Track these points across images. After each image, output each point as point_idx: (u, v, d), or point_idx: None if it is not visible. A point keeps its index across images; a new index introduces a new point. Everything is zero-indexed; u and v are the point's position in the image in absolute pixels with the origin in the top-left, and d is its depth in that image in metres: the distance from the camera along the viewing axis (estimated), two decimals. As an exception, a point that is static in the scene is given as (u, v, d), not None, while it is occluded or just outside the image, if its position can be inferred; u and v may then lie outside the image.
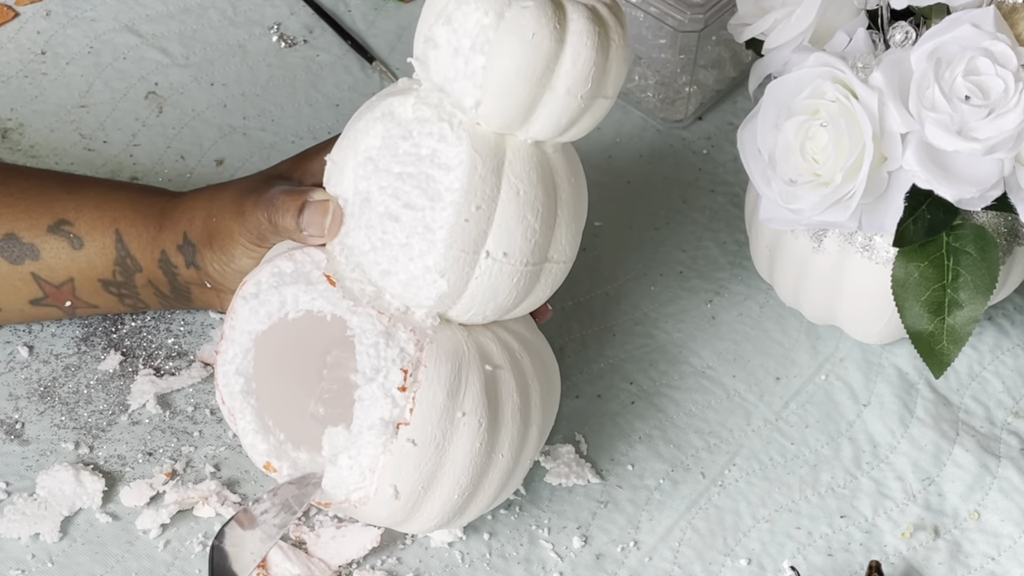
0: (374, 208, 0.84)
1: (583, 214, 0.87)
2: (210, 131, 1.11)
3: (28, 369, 0.98)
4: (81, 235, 0.93)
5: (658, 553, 0.93)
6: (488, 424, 0.85)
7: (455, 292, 0.84)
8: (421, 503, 0.85)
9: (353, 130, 0.86)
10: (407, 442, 0.83)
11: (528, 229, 0.83)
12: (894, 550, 0.94)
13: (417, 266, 0.84)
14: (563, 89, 0.81)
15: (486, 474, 0.86)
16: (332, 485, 0.86)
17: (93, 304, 0.95)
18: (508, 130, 0.83)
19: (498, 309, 0.86)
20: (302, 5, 1.18)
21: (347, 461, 0.85)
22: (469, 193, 0.82)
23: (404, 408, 0.83)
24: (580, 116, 0.83)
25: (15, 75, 1.13)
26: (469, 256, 0.83)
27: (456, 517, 0.87)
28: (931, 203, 0.90)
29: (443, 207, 0.82)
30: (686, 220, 1.08)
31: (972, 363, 1.02)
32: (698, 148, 1.12)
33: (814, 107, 0.89)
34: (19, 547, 0.91)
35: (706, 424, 0.99)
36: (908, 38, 0.90)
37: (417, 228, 0.83)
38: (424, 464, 0.84)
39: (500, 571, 0.92)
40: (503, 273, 0.84)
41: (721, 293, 1.05)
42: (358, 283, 0.86)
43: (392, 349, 0.84)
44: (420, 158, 0.83)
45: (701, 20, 1.06)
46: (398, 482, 0.84)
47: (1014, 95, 0.86)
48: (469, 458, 0.84)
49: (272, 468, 0.88)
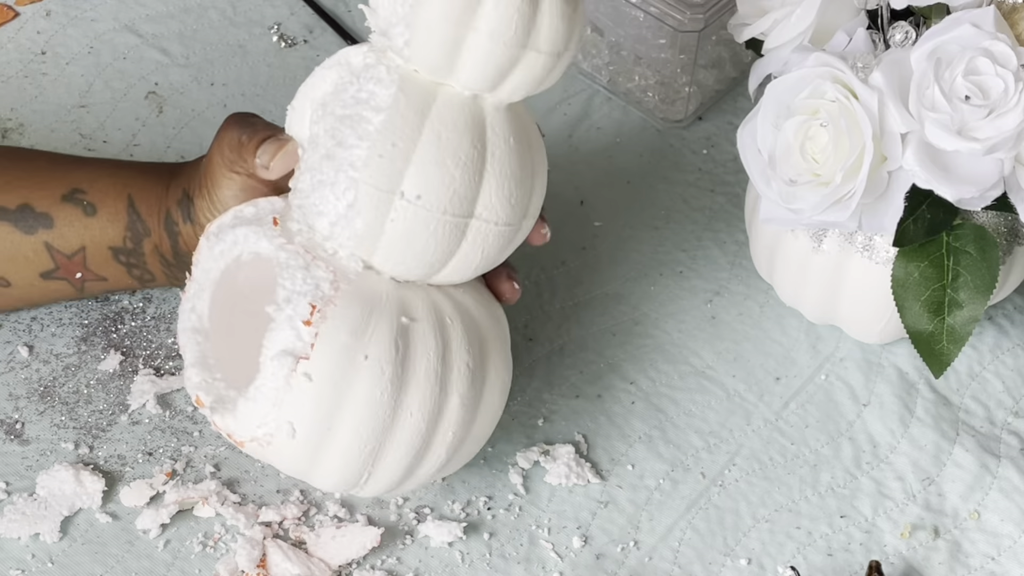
0: (317, 150, 0.86)
1: (528, 179, 0.86)
2: (210, 131, 1.11)
3: (28, 369, 0.98)
4: (95, 202, 0.94)
5: (658, 553, 0.93)
6: (393, 374, 0.84)
7: (371, 233, 0.84)
8: (321, 449, 0.84)
9: (311, 77, 0.88)
10: (303, 376, 0.83)
11: (447, 175, 0.83)
12: (894, 550, 0.94)
13: (341, 204, 0.84)
14: (485, 31, 0.81)
15: (391, 431, 0.84)
16: (242, 418, 0.85)
17: (102, 276, 0.95)
18: (437, 74, 0.83)
19: (419, 261, 0.85)
20: (302, 5, 1.18)
21: (253, 392, 0.85)
22: (387, 129, 0.83)
23: (307, 343, 0.83)
24: (509, 68, 0.83)
25: (15, 75, 1.13)
26: (384, 195, 0.83)
27: (364, 478, 0.86)
28: (931, 203, 0.90)
29: (367, 145, 0.83)
30: (686, 220, 1.08)
31: (972, 363, 1.02)
32: (698, 148, 1.12)
33: (814, 107, 0.89)
34: (19, 547, 0.91)
35: (706, 424, 0.99)
36: (908, 38, 0.90)
37: (343, 165, 0.84)
38: (320, 403, 0.83)
39: (500, 571, 0.92)
40: (418, 218, 0.84)
41: (721, 293, 1.05)
42: (296, 224, 0.87)
43: (307, 284, 0.84)
44: (359, 101, 0.84)
45: (701, 20, 1.06)
46: (295, 419, 0.84)
47: (1014, 95, 0.86)
48: (369, 407, 0.84)
49: (200, 402, 0.87)
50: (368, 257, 0.85)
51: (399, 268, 0.86)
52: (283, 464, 0.87)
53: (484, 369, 0.88)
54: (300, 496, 0.93)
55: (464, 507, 0.94)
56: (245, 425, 0.86)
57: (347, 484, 0.87)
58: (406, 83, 0.84)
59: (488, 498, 0.94)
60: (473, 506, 0.94)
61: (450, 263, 0.86)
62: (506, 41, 0.81)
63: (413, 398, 0.84)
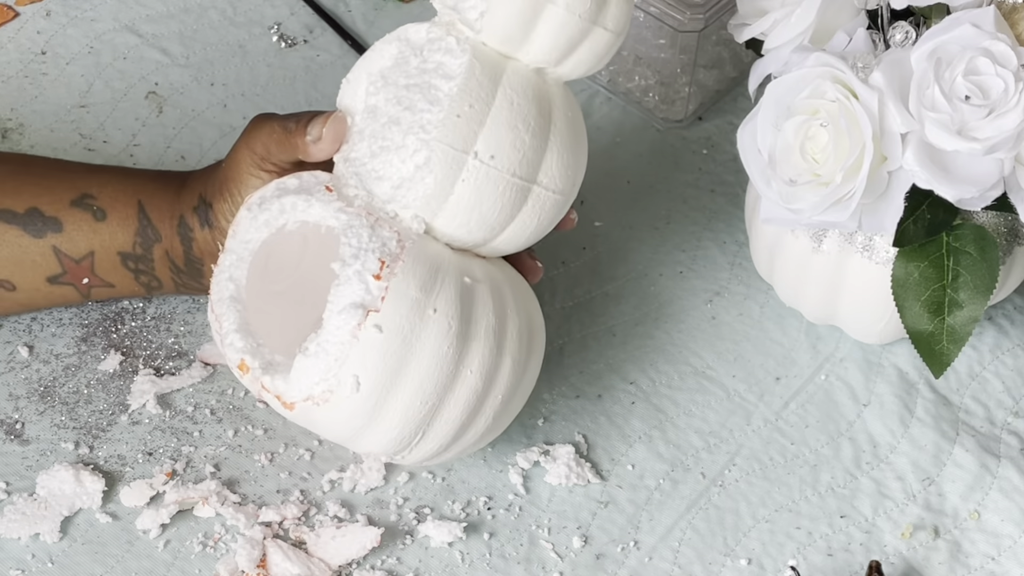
0: (378, 118, 0.88)
1: (580, 154, 0.90)
2: (210, 131, 1.11)
3: (28, 369, 0.98)
4: (105, 207, 0.94)
5: (658, 553, 0.93)
6: (459, 330, 0.85)
7: (442, 191, 0.86)
8: (383, 404, 0.85)
9: (368, 52, 0.90)
10: (374, 328, 0.84)
11: (518, 139, 0.86)
12: (894, 550, 0.94)
13: (408, 166, 0.86)
14: (563, 3, 0.85)
15: (452, 388, 0.86)
16: (298, 376, 0.85)
17: (109, 283, 0.95)
18: (510, 46, 0.87)
19: (482, 223, 0.87)
20: (302, 5, 1.18)
21: (315, 348, 0.85)
22: (464, 91, 0.86)
23: (376, 296, 0.84)
24: (579, 42, 0.87)
25: (15, 75, 1.13)
26: (458, 154, 0.86)
27: (416, 438, 0.87)
28: (931, 203, 0.90)
29: (441, 108, 0.86)
30: (686, 220, 1.08)
31: (972, 363, 1.02)
32: (698, 148, 1.12)
33: (814, 107, 0.89)
34: (19, 547, 0.91)
35: (706, 424, 0.99)
36: (908, 38, 0.90)
37: (413, 128, 0.86)
38: (389, 355, 0.84)
39: (500, 571, 0.92)
40: (489, 178, 0.86)
41: (721, 293, 1.05)
42: (354, 190, 0.88)
43: (374, 242, 0.86)
44: (426, 71, 0.87)
45: (701, 20, 1.06)
46: (361, 372, 0.84)
47: (1014, 95, 0.86)
48: (435, 361, 0.85)
49: (245, 367, 0.87)
50: (432, 219, 0.87)
51: (460, 231, 0.88)
52: (335, 423, 0.86)
53: (531, 336, 0.90)
54: (300, 496, 0.93)
55: (464, 507, 0.94)
56: (301, 384, 0.85)
57: (398, 445, 0.87)
58: (478, 51, 0.87)
59: (488, 498, 0.94)
60: (473, 506, 0.94)
61: (508, 228, 0.88)
62: (581, 14, 0.86)
63: (474, 356, 0.86)
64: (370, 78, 0.89)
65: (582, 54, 0.88)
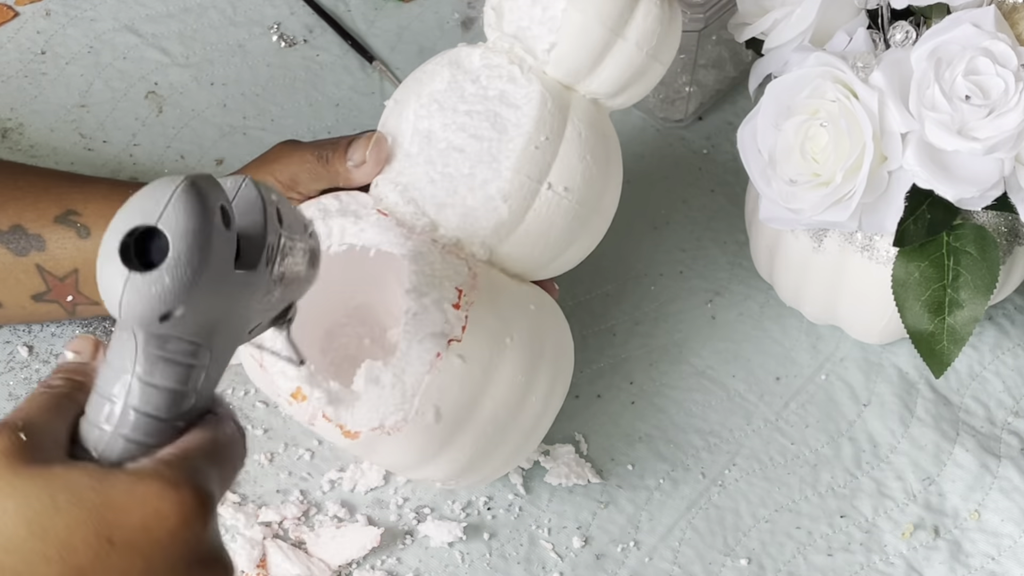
0: (435, 144, 0.87)
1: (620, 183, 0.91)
2: (210, 131, 1.11)
3: (28, 369, 0.98)
4: (88, 224, 0.93)
5: (658, 553, 0.93)
6: (530, 357, 0.85)
7: (514, 220, 0.86)
8: (456, 433, 0.84)
9: (418, 73, 0.89)
10: (457, 358, 0.83)
11: (587, 169, 0.87)
12: (894, 550, 0.94)
13: (478, 195, 0.86)
14: (633, 40, 0.86)
15: (518, 416, 0.86)
16: (369, 407, 0.83)
17: (94, 300, 0.95)
18: (576, 77, 0.87)
19: (547, 250, 0.88)
20: (302, 5, 1.18)
21: (390, 379, 0.83)
22: (539, 123, 0.86)
23: (456, 326, 0.83)
24: (639, 76, 0.88)
25: (15, 75, 1.13)
26: (533, 184, 0.86)
27: (479, 462, 0.86)
28: (931, 203, 0.90)
29: (511, 138, 0.86)
30: (686, 220, 1.08)
31: (972, 363, 1.02)
32: (698, 148, 1.12)
33: (814, 107, 0.89)
34: (19, 547, 0.91)
35: (706, 424, 0.99)
36: (908, 38, 0.90)
37: (483, 158, 0.86)
38: (469, 385, 0.83)
39: (500, 571, 0.92)
40: (560, 208, 0.86)
41: (721, 293, 1.05)
42: (412, 216, 0.87)
43: (447, 269, 0.85)
44: (487, 98, 0.87)
45: (701, 20, 1.06)
46: (442, 403, 0.83)
47: (1014, 95, 0.86)
48: (510, 389, 0.84)
49: (301, 396, 0.84)
50: (497, 246, 0.87)
51: (522, 259, 0.88)
52: (403, 452, 0.85)
53: (566, 356, 0.90)
54: (300, 496, 0.93)
55: (464, 507, 0.94)
56: (372, 414, 0.83)
57: (461, 472, 0.86)
58: (544, 81, 0.87)
59: (488, 498, 0.94)
60: (473, 506, 0.94)
61: (562, 256, 0.89)
62: (648, 51, 0.87)
63: (539, 382, 0.86)
64: (420, 101, 0.88)
65: (638, 88, 0.89)
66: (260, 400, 0.97)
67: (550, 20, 0.86)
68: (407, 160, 0.87)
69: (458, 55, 0.89)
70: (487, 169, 0.86)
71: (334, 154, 0.89)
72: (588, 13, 0.85)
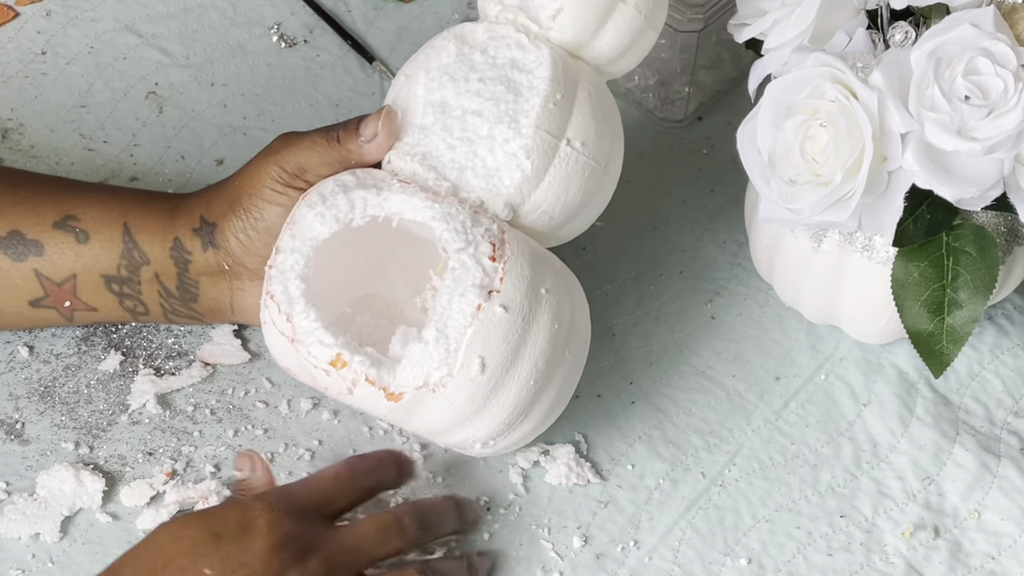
0: (450, 112, 0.90)
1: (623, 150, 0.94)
2: (210, 131, 1.11)
3: (28, 369, 0.98)
4: (87, 229, 0.93)
5: (658, 553, 0.93)
6: (562, 311, 0.87)
7: (536, 176, 0.88)
8: (500, 386, 0.85)
9: (425, 49, 0.92)
10: (499, 308, 0.85)
11: (599, 127, 0.90)
12: (894, 550, 0.94)
13: (499, 155, 0.88)
14: (632, 3, 0.90)
15: (556, 369, 0.87)
16: (413, 366, 0.85)
17: (92, 306, 0.95)
18: (580, 42, 0.91)
19: (565, 209, 0.90)
20: (302, 5, 1.18)
21: (433, 334, 0.85)
22: (554, 82, 0.89)
23: (494, 277, 0.85)
24: (635, 40, 0.92)
25: (15, 75, 1.13)
26: (552, 140, 0.89)
27: (519, 421, 0.87)
28: (931, 203, 0.90)
29: (526, 99, 0.89)
30: (686, 220, 1.08)
31: (972, 363, 1.02)
32: (698, 148, 1.12)
33: (814, 107, 0.89)
34: (19, 547, 0.91)
35: (706, 424, 0.99)
36: (908, 38, 0.90)
37: (502, 119, 0.89)
38: (512, 334, 0.85)
39: (500, 571, 0.92)
40: (579, 164, 0.89)
41: (721, 293, 1.05)
42: (434, 182, 0.89)
43: (479, 227, 0.87)
44: (497, 65, 0.90)
45: (701, 20, 1.06)
46: (486, 353, 0.85)
47: (1014, 95, 0.86)
48: (548, 340, 0.86)
49: (341, 362, 0.86)
50: (519, 205, 0.89)
51: (542, 218, 0.90)
52: (448, 410, 0.86)
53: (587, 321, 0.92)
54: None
55: (464, 507, 0.94)
56: (416, 372, 0.85)
57: (501, 429, 0.87)
58: (552, 46, 0.90)
59: (488, 498, 0.94)
60: (473, 506, 0.94)
61: (579, 216, 0.91)
62: (645, 15, 0.91)
63: (572, 336, 0.88)
64: (429, 75, 0.90)
65: (634, 54, 0.93)
66: (260, 400, 0.97)
67: None
68: (421, 132, 0.90)
69: (462, 30, 0.92)
70: (507, 129, 0.88)
71: (345, 133, 0.90)
72: None
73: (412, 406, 0.86)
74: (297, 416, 0.97)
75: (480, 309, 0.85)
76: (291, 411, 0.97)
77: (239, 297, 0.95)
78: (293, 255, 0.88)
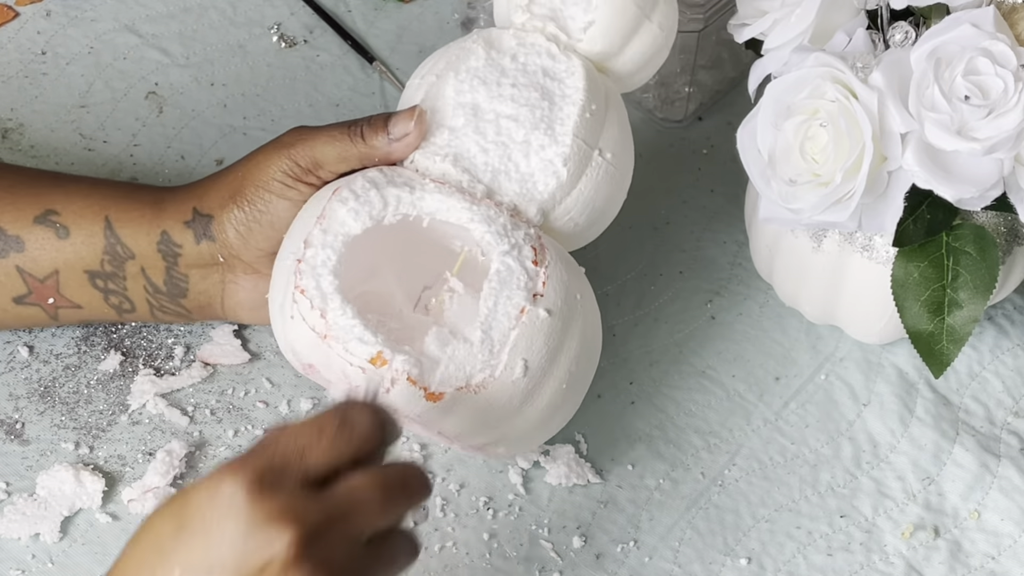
0: (483, 116, 0.90)
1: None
2: (210, 131, 1.11)
3: (28, 369, 0.98)
4: (67, 224, 0.92)
5: (658, 553, 0.93)
6: (593, 318, 0.89)
7: (570, 184, 0.90)
8: (537, 388, 0.86)
9: (451, 51, 0.92)
10: (543, 311, 0.85)
11: (625, 139, 0.93)
12: (894, 550, 0.94)
13: (534, 160, 0.89)
14: (656, 21, 0.93)
15: (583, 372, 0.88)
16: (456, 366, 0.84)
17: (76, 303, 0.94)
18: (607, 55, 0.92)
19: (590, 217, 0.91)
20: (302, 5, 1.18)
21: (479, 335, 0.85)
22: (589, 92, 0.90)
23: (538, 281, 0.86)
24: (653, 57, 0.94)
25: (15, 75, 1.13)
26: (588, 149, 0.90)
27: (545, 422, 0.88)
28: (931, 203, 0.90)
29: (561, 107, 0.90)
30: (686, 220, 1.08)
31: (972, 363, 1.02)
32: (698, 148, 1.12)
33: (814, 107, 0.89)
34: (19, 547, 0.91)
35: (706, 424, 0.99)
36: (908, 38, 0.90)
37: (538, 125, 0.90)
38: (552, 338, 0.86)
39: (500, 571, 0.92)
40: (608, 174, 0.91)
41: (721, 293, 1.05)
42: (468, 184, 0.89)
43: (518, 231, 0.87)
44: (529, 72, 0.91)
45: (701, 20, 1.06)
46: (529, 355, 0.85)
47: (1014, 95, 0.86)
48: (582, 345, 0.87)
49: (382, 360, 0.84)
50: (551, 211, 0.90)
51: (569, 225, 0.91)
52: (480, 413, 0.85)
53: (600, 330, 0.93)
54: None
55: (464, 507, 0.94)
56: (456, 373, 0.84)
57: (531, 431, 0.87)
58: (581, 57, 0.92)
59: (488, 498, 0.94)
60: (473, 506, 0.94)
61: (600, 220, 0.93)
62: (666, 34, 0.94)
63: (597, 342, 0.90)
64: (459, 76, 0.91)
65: (648, 70, 0.95)
66: (260, 400, 0.97)
67: (584, 1, 0.91)
68: (451, 134, 0.90)
69: (489, 35, 0.92)
70: (543, 135, 0.89)
71: (370, 128, 0.89)
72: None
73: (450, 406, 0.85)
74: (297, 416, 0.97)
75: (524, 312, 0.85)
76: (291, 411, 0.97)
77: (231, 291, 0.94)
78: (325, 250, 0.86)
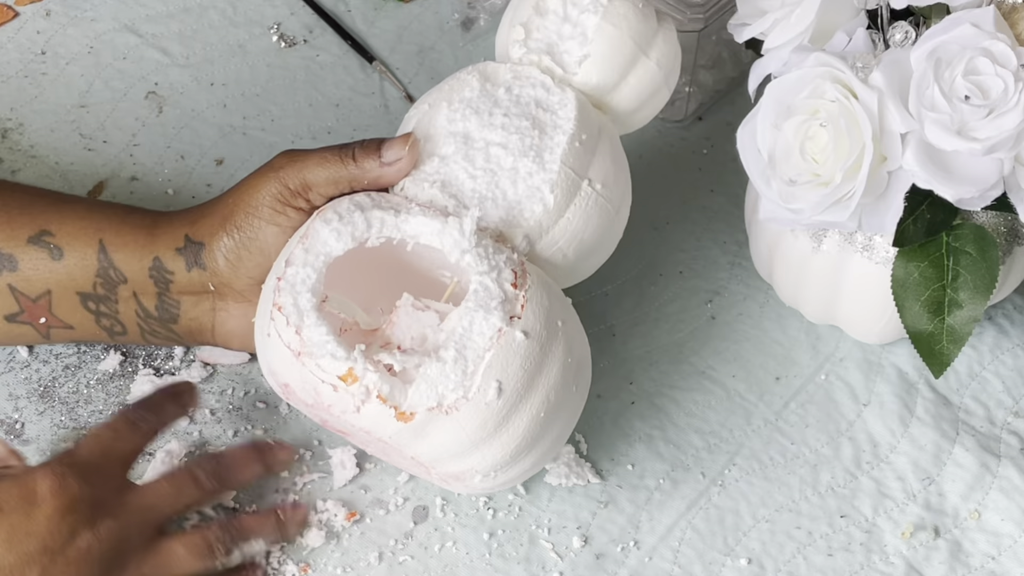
0: (473, 144, 0.90)
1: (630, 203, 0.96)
2: (210, 131, 1.11)
3: (28, 369, 0.98)
4: (62, 245, 0.92)
5: (658, 553, 0.93)
6: (574, 345, 0.88)
7: (557, 212, 0.89)
8: (512, 414, 0.84)
9: (448, 82, 0.92)
10: (520, 333, 0.84)
11: (618, 171, 0.92)
12: (894, 550, 0.94)
13: (521, 187, 0.89)
14: (654, 59, 0.93)
15: (565, 402, 0.87)
16: (428, 386, 0.83)
17: (68, 324, 0.94)
18: (603, 90, 0.92)
19: (580, 248, 0.91)
20: (302, 5, 1.18)
21: (452, 354, 0.83)
22: (580, 122, 0.90)
23: (516, 303, 0.85)
24: (651, 96, 0.94)
25: (15, 75, 1.13)
26: (576, 177, 0.89)
27: (524, 453, 0.86)
28: (931, 203, 0.90)
29: (551, 136, 0.90)
30: (686, 220, 1.08)
31: (972, 363, 1.02)
32: (698, 148, 1.12)
33: (814, 107, 0.89)
34: (19, 547, 0.91)
35: (706, 424, 0.99)
36: (908, 38, 0.90)
37: (527, 152, 0.89)
38: (529, 362, 0.85)
39: (500, 571, 0.92)
40: (597, 205, 0.90)
41: (721, 293, 1.05)
42: (455, 209, 0.89)
43: (500, 254, 0.87)
44: (522, 103, 0.91)
45: (701, 20, 1.06)
46: (504, 378, 0.84)
47: (1014, 95, 0.86)
48: (561, 371, 0.86)
49: (352, 377, 0.83)
50: (537, 240, 0.89)
51: (558, 254, 0.90)
52: (457, 434, 0.84)
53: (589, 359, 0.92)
54: (299, 497, 0.93)
55: (464, 507, 0.94)
56: (430, 392, 0.83)
57: (507, 460, 0.86)
58: (575, 90, 0.92)
59: (488, 498, 0.94)
60: (473, 506, 0.94)
61: (591, 257, 0.92)
62: (665, 72, 0.93)
63: (579, 372, 0.88)
64: (452, 106, 0.91)
65: (647, 110, 0.95)
66: (260, 400, 0.97)
67: (580, 35, 0.91)
68: (441, 161, 0.90)
69: (486, 68, 0.93)
70: (531, 163, 0.89)
71: (363, 152, 0.89)
72: (621, 27, 0.91)
73: (421, 428, 0.84)
74: (297, 416, 0.97)
75: (501, 333, 0.84)
76: (291, 411, 0.97)
77: (221, 319, 0.94)
78: (305, 268, 0.86)
